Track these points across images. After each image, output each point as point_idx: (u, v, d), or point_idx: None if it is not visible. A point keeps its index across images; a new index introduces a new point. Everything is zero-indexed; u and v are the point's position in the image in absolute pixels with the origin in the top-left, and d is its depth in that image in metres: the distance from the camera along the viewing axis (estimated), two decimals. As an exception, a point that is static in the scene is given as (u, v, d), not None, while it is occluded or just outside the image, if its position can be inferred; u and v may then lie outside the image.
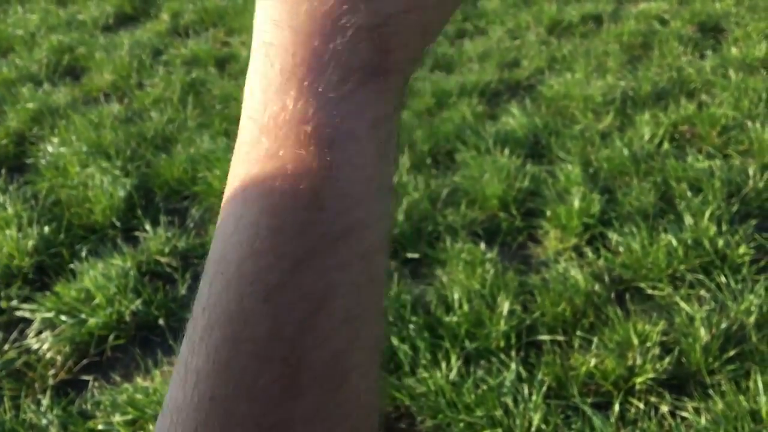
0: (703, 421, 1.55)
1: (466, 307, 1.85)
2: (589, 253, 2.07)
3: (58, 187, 2.51)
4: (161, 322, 1.93)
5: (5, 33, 3.96)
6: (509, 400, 1.61)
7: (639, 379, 1.64)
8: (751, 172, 2.34)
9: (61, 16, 4.23)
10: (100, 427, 1.64)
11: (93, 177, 2.52)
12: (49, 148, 2.75)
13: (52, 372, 1.81)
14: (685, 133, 2.65)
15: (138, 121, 2.98)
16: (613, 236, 2.10)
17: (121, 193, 2.42)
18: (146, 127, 2.90)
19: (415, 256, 2.11)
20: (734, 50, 3.24)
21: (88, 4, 4.40)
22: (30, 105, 3.07)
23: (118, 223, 2.32)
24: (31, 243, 2.16)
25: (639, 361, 1.68)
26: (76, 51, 3.68)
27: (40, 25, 4.07)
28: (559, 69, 3.25)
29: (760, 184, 2.28)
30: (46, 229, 2.25)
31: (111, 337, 1.87)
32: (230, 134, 2.80)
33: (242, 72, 3.39)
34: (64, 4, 4.53)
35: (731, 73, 3.02)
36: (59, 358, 1.84)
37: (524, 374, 1.69)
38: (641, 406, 1.61)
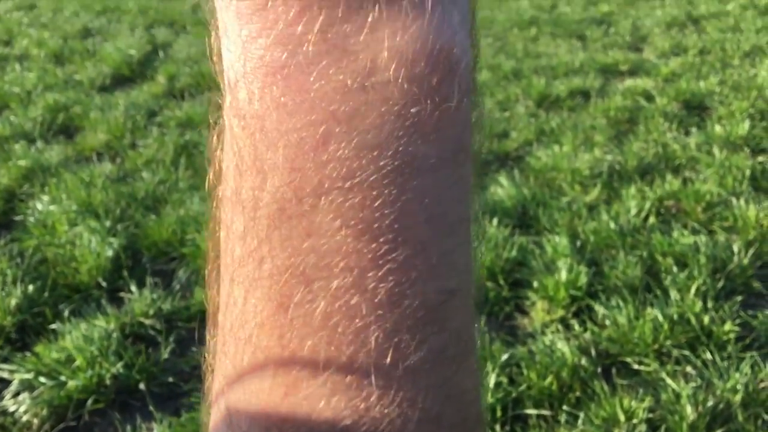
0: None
1: (451, 379, 1.83)
2: (575, 325, 2.07)
3: (45, 245, 2.50)
4: (142, 386, 1.90)
5: (2, 90, 4.01)
6: (494, 477, 1.58)
7: (626, 457, 1.62)
8: (735, 248, 2.36)
9: (59, 75, 4.29)
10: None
11: (81, 236, 2.51)
12: (39, 206, 2.75)
13: (26, 436, 1.77)
14: (671, 208, 2.69)
15: (129, 181, 3.00)
16: (600, 309, 2.10)
17: (109, 253, 2.41)
18: (137, 187, 2.91)
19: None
20: (718, 128, 3.32)
21: (86, 65, 4.48)
22: (22, 162, 3.08)
23: (103, 284, 2.31)
24: (14, 301, 2.14)
25: (626, 439, 1.66)
26: (71, 110, 3.72)
27: (37, 83, 4.12)
28: (547, 141, 3.31)
29: (745, 261, 2.30)
30: (31, 287, 2.23)
31: (90, 401, 1.83)
32: (221, 197, 2.82)
33: (235, 135, 3.43)
34: (62, 63, 4.60)
35: (715, 150, 3.09)
36: (36, 421, 1.79)
37: (510, 449, 1.66)
38: (628, 485, 1.58)
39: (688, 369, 1.88)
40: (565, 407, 1.78)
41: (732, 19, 5.41)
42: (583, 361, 1.90)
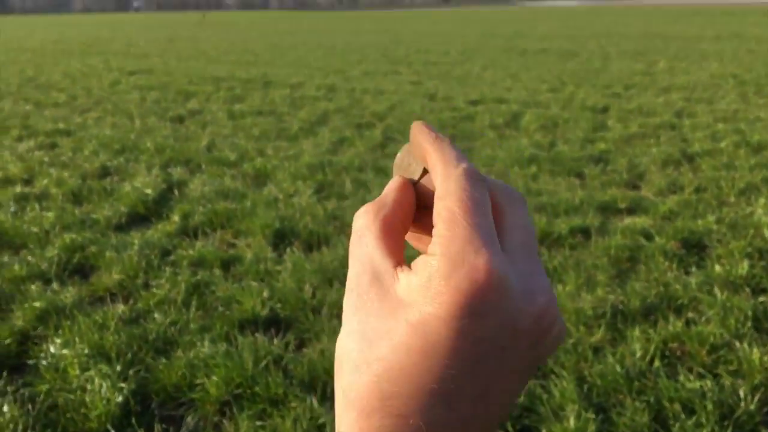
0: None
1: None
2: (585, 476, 2.05)
3: (56, 390, 2.53)
4: None
5: (21, 230, 4.15)
6: None
7: None
8: (742, 393, 2.37)
9: (76, 214, 4.45)
10: None
11: (92, 381, 2.54)
12: (52, 349, 2.80)
13: None
14: (676, 350, 2.71)
15: (141, 322, 3.05)
16: (609, 459, 2.09)
17: (119, 399, 2.43)
18: (149, 328, 2.96)
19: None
20: (718, 267, 3.40)
21: (103, 204, 4.65)
22: (37, 304, 3.15)
23: (112, 431, 2.31)
24: (22, 451, 2.14)
25: None
26: (87, 250, 3.84)
27: (55, 222, 4.27)
28: (550, 281, 3.38)
29: (752, 407, 2.30)
30: (40, 435, 2.23)
31: None
32: (230, 339, 2.87)
33: (246, 273, 3.52)
34: (80, 202, 4.78)
35: (716, 290, 3.15)
36: None
37: None
38: None
39: None
40: None
41: (726, 157, 5.63)
42: None
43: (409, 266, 0.36)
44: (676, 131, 6.80)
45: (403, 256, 0.38)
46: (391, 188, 0.40)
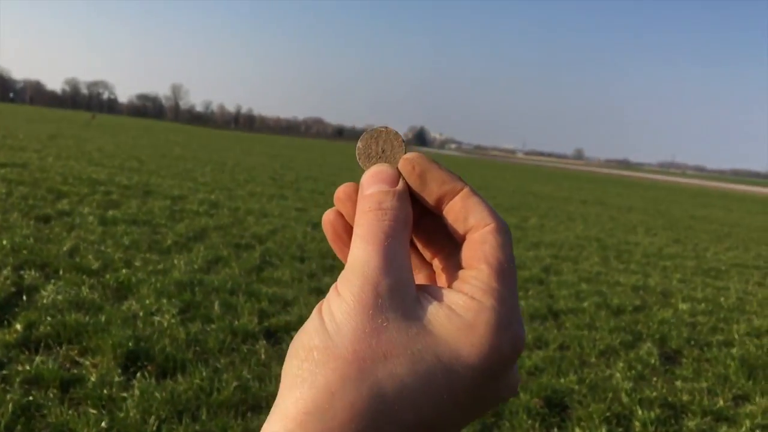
0: None
1: None
2: None
3: None
4: None
5: None
6: None
7: None
8: None
9: None
10: None
11: None
12: None
13: None
14: None
15: (-50, 446, 2.65)
16: None
17: None
18: (-43, 455, 2.57)
19: None
20: (578, 431, 3.41)
21: (-63, 303, 4.17)
22: None
23: None
24: None
25: None
26: None
27: None
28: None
29: None
30: None
31: None
32: (54, 475, 2.52)
33: (86, 398, 3.18)
34: None
35: (575, 454, 3.14)
36: None
37: None
38: None
39: None
40: None
41: (588, 317, 5.87)
42: None
43: (426, 291, 0.36)
44: (543, 286, 7.08)
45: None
46: (400, 193, 0.38)
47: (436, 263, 0.42)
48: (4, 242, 5.90)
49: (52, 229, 6.97)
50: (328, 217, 0.42)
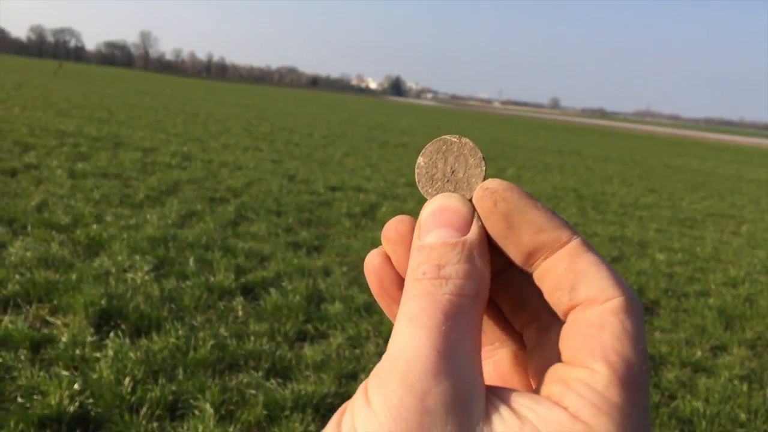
0: None
1: None
2: None
3: None
4: None
5: None
6: None
7: None
8: None
9: None
10: None
11: None
12: None
13: None
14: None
15: None
16: None
17: None
18: None
19: None
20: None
21: None
22: None
23: None
24: None
25: None
26: None
27: None
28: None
29: None
30: None
31: None
32: (25, 441, 2.44)
33: (58, 359, 3.09)
34: None
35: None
36: None
37: None
38: None
39: None
40: None
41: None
42: None
43: (502, 400, 0.24)
44: (522, 238, 7.06)
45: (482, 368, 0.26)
46: (472, 247, 0.26)
47: (529, 336, 0.30)
48: (-31, 197, 5.69)
49: (19, 183, 6.76)
50: (372, 261, 0.31)
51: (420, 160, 0.28)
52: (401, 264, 0.29)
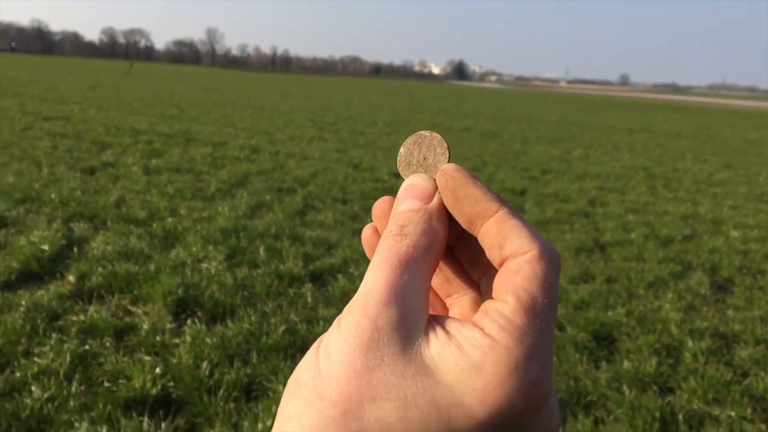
0: None
1: None
2: None
3: None
4: None
5: None
6: None
7: None
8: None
9: (-39, 268, 4.09)
10: None
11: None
12: None
13: None
14: (584, 452, 2.63)
15: (16, 395, 2.76)
16: None
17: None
18: (23, 404, 2.67)
19: None
20: (627, 363, 3.38)
21: (-7, 258, 4.30)
22: None
23: None
24: None
25: None
26: (-35, 309, 3.50)
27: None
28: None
29: None
30: None
31: None
32: (113, 421, 2.61)
33: (140, 345, 3.27)
34: (-32, 254, 4.41)
35: (625, 388, 3.12)
36: None
37: None
38: None
39: None
40: None
41: (636, 248, 5.77)
42: None
43: (440, 324, 0.32)
44: (589, 219, 6.97)
45: (428, 301, 0.33)
46: (431, 212, 0.34)
47: (483, 285, 0.38)
48: (53, 195, 6.03)
49: (98, 180, 7.10)
50: (365, 233, 0.40)
51: (401, 150, 0.35)
52: None
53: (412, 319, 0.31)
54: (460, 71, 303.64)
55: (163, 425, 2.61)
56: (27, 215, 5.43)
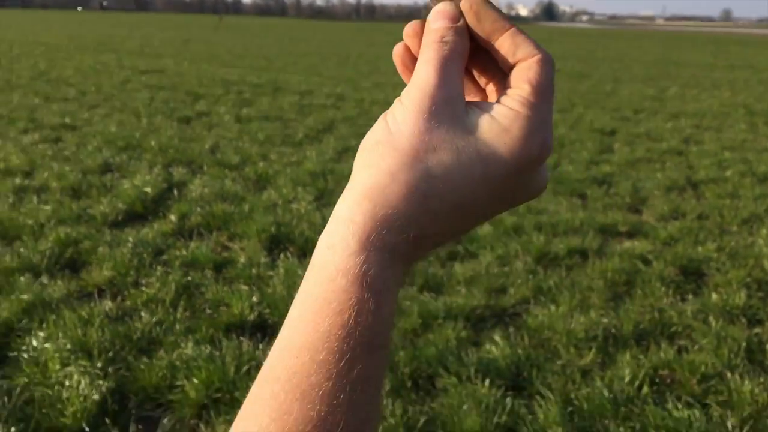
0: None
1: None
2: (564, 502, 2.00)
3: (34, 384, 2.50)
4: None
5: (16, 222, 4.13)
6: None
7: None
8: (730, 425, 2.32)
9: (73, 209, 4.43)
10: None
11: (71, 376, 2.51)
12: (34, 342, 2.77)
13: None
14: (665, 378, 2.66)
15: (127, 320, 3.02)
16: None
17: (96, 397, 2.40)
18: (134, 327, 2.93)
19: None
20: (714, 296, 3.35)
21: (102, 200, 4.63)
22: (24, 296, 3.13)
23: (87, 429, 2.28)
24: (-7, 444, 2.11)
25: None
26: (80, 245, 3.82)
27: (51, 216, 4.25)
28: (544, 300, 3.34)
29: (740, 440, 2.25)
30: (13, 429, 2.20)
31: None
32: (215, 342, 2.83)
33: (238, 277, 3.49)
34: (79, 197, 4.77)
35: (711, 319, 3.10)
36: None
37: None
38: None
39: None
40: None
41: (731, 186, 5.58)
42: None
43: (475, 104, 0.43)
44: (682, 157, 6.76)
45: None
46: (459, 29, 0.44)
47: (490, 88, 0.48)
48: (153, 143, 6.37)
49: (193, 129, 7.42)
50: (398, 50, 0.48)
51: None
52: (416, 49, 0.46)
53: (456, 98, 0.42)
54: (549, 12, 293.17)
55: (260, 346, 2.81)
56: (130, 161, 5.77)
